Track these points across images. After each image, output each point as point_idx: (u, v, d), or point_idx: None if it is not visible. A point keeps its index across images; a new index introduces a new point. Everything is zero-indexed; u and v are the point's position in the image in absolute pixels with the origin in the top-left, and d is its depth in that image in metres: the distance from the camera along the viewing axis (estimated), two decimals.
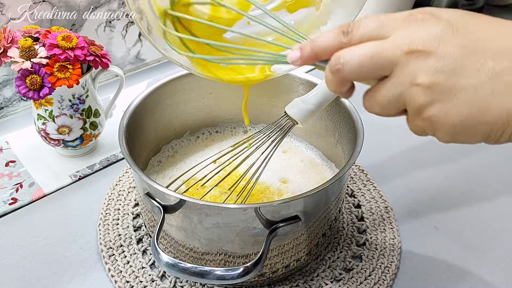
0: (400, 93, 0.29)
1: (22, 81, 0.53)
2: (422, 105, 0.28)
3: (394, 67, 0.29)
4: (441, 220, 0.57)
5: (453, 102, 0.27)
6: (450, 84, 0.27)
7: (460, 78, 0.27)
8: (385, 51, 0.29)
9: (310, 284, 0.49)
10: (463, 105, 0.27)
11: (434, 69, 0.27)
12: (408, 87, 0.28)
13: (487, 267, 0.51)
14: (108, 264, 0.50)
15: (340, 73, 0.30)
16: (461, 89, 0.27)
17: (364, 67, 0.29)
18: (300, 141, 0.62)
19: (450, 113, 0.28)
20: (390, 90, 0.29)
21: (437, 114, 0.28)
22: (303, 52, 0.33)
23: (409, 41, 0.28)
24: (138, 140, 0.52)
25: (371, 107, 0.31)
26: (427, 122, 0.29)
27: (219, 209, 0.40)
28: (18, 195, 0.58)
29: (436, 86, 0.27)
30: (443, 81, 0.27)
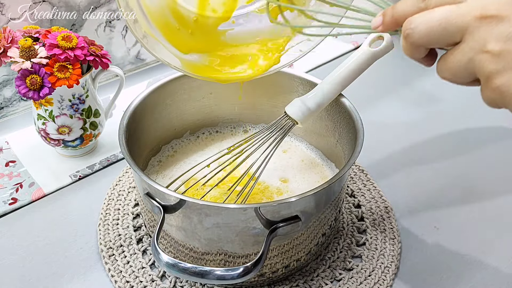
0: (469, 60, 0.28)
1: (22, 81, 0.53)
2: (491, 73, 0.27)
3: (464, 33, 0.28)
4: (441, 220, 0.57)
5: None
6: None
7: None
8: (456, 16, 0.28)
9: (310, 284, 0.49)
10: None
11: (506, 36, 0.26)
12: (477, 54, 0.27)
13: (487, 267, 0.51)
14: (108, 264, 0.50)
15: (410, 37, 0.30)
16: None
17: (432, 32, 0.29)
18: (300, 141, 0.62)
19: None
20: (459, 56, 0.28)
21: (506, 84, 0.27)
22: (385, 18, 0.34)
23: (482, 6, 0.27)
24: (138, 140, 0.52)
25: (442, 72, 0.30)
26: (496, 92, 0.27)
27: (219, 209, 0.40)
28: (18, 195, 0.58)
29: (507, 53, 0.26)
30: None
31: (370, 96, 0.78)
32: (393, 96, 0.78)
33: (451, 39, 0.29)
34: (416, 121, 0.73)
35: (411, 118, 0.74)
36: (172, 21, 0.50)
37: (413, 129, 0.72)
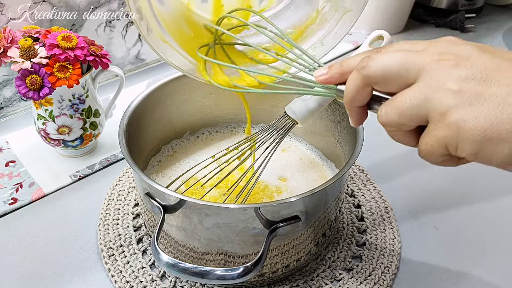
0: (425, 98, 0.28)
1: (22, 81, 0.53)
2: (449, 107, 0.27)
3: (421, 72, 0.28)
4: (441, 220, 0.57)
5: (483, 106, 0.26)
6: (480, 90, 0.27)
7: (490, 86, 0.27)
8: (414, 56, 0.29)
9: (310, 284, 0.49)
10: (493, 109, 0.26)
11: (464, 76, 0.27)
12: (435, 91, 0.28)
13: (487, 267, 0.51)
14: (108, 264, 0.50)
15: (366, 70, 0.30)
16: (492, 95, 0.26)
17: (391, 66, 0.29)
18: (300, 141, 0.62)
19: (479, 117, 0.26)
20: (414, 94, 0.28)
21: (464, 118, 0.26)
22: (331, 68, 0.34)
23: (438, 52, 0.28)
24: (138, 140, 0.52)
25: (387, 113, 0.30)
26: (451, 128, 0.27)
27: (219, 209, 0.40)
28: (18, 195, 0.58)
29: (466, 91, 0.27)
30: (473, 87, 0.27)
31: None
32: None
33: (406, 79, 0.29)
34: None
35: None
36: (187, 29, 0.50)
37: None
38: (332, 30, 0.50)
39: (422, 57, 0.29)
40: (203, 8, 0.51)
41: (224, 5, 0.51)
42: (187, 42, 0.50)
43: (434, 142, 0.28)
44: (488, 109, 0.26)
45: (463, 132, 0.27)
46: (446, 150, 0.28)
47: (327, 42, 0.50)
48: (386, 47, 0.31)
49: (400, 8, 0.99)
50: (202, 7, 0.51)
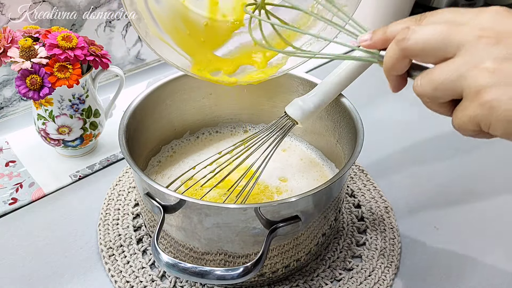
0: (460, 74, 0.28)
1: (22, 81, 0.53)
2: (483, 86, 0.27)
3: (460, 48, 0.28)
4: (441, 220, 0.57)
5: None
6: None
7: None
8: (455, 31, 0.28)
9: (310, 284, 0.49)
10: None
11: (503, 56, 0.27)
12: (471, 69, 0.27)
13: (487, 267, 0.51)
14: (108, 264, 0.50)
15: (405, 42, 0.30)
16: None
17: (430, 40, 0.29)
18: (300, 141, 0.62)
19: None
20: (450, 69, 0.28)
21: (498, 98, 0.26)
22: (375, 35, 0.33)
23: (482, 27, 0.28)
24: (138, 140, 0.52)
25: (423, 86, 0.30)
26: (485, 107, 0.27)
27: (219, 209, 0.40)
28: (18, 195, 0.58)
29: (502, 71, 0.26)
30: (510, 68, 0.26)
31: (370, 96, 0.78)
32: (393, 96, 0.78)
33: (444, 53, 0.29)
34: (416, 121, 0.73)
35: (411, 118, 0.74)
36: (183, 27, 0.50)
37: (413, 129, 0.72)
38: (327, 27, 0.50)
39: (463, 32, 0.28)
40: (198, 5, 0.51)
41: (219, 2, 0.51)
42: (183, 40, 0.50)
43: (467, 119, 0.28)
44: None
45: (496, 112, 0.26)
46: (479, 127, 0.28)
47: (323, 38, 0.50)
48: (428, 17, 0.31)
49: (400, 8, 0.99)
50: (198, 4, 0.51)
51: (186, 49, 0.50)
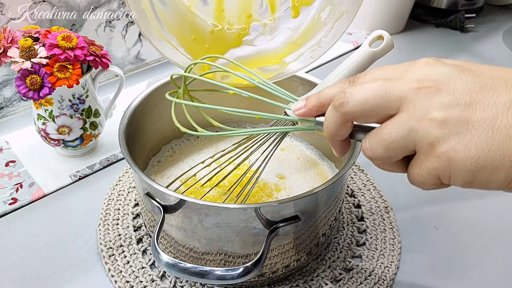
0: (410, 128, 0.27)
1: (22, 81, 0.53)
2: (437, 138, 0.26)
3: (402, 102, 0.27)
4: (441, 220, 0.57)
5: (471, 133, 0.25)
6: (466, 116, 0.25)
7: (476, 110, 0.25)
8: (392, 87, 0.27)
9: (310, 284, 0.49)
10: (483, 136, 0.25)
11: (447, 103, 0.26)
12: (419, 122, 0.26)
13: (487, 267, 0.51)
14: (108, 264, 0.50)
15: (344, 106, 0.29)
16: (479, 121, 0.25)
17: (369, 101, 0.28)
18: (300, 141, 0.62)
19: (469, 146, 0.25)
20: (398, 125, 0.27)
21: (454, 148, 0.25)
22: (308, 101, 0.33)
23: (417, 79, 0.27)
24: (138, 140, 0.52)
25: (373, 148, 0.29)
26: (441, 159, 0.26)
27: (219, 209, 0.40)
28: (18, 195, 0.58)
29: (451, 119, 0.26)
30: (458, 114, 0.26)
31: None
32: None
33: (387, 110, 0.28)
34: None
35: None
36: (188, 31, 0.50)
37: None
38: (329, 32, 0.50)
39: (400, 85, 0.27)
40: (204, 12, 0.51)
41: (224, 10, 0.51)
42: (187, 43, 0.51)
43: (425, 173, 0.27)
44: (478, 137, 0.25)
45: (454, 163, 0.26)
46: (439, 180, 0.27)
47: (324, 44, 0.50)
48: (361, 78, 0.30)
49: (400, 8, 0.99)
50: (204, 11, 0.51)
51: (190, 51, 0.51)
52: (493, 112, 0.25)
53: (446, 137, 0.26)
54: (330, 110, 0.30)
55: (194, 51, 0.51)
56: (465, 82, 0.26)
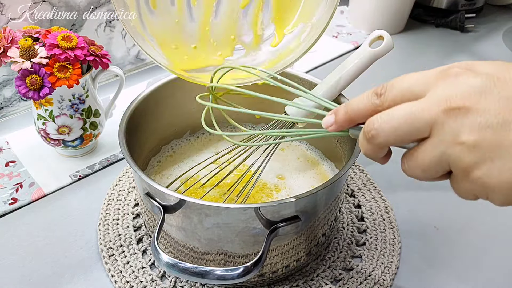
0: (443, 153, 0.26)
1: (22, 81, 0.53)
2: (469, 165, 0.25)
3: (433, 127, 0.26)
4: (441, 220, 0.57)
5: (505, 158, 0.24)
6: (499, 139, 0.24)
7: (509, 132, 0.24)
8: (420, 111, 0.27)
9: (310, 284, 0.49)
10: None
11: (478, 125, 0.25)
12: (450, 146, 0.26)
13: (487, 267, 0.51)
14: (108, 264, 0.50)
15: (375, 139, 0.29)
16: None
17: (399, 130, 0.27)
18: (301, 141, 0.62)
19: (503, 171, 0.25)
20: (430, 150, 0.27)
21: (488, 174, 0.25)
22: (338, 116, 0.32)
23: (445, 98, 0.26)
24: (138, 140, 0.52)
25: (411, 169, 0.29)
26: (477, 184, 0.26)
27: (219, 209, 0.40)
28: (18, 195, 0.58)
29: (483, 143, 0.25)
30: (490, 137, 0.25)
31: None
32: None
33: (418, 135, 0.27)
34: None
35: None
36: (171, 40, 0.50)
37: None
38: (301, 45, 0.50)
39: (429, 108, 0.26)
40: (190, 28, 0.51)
41: (208, 29, 0.52)
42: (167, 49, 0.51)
43: (464, 192, 0.27)
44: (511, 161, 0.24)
45: (489, 188, 0.25)
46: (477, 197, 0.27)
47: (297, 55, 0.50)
48: (388, 91, 0.29)
49: (400, 8, 0.99)
50: (190, 27, 0.51)
51: (168, 55, 0.51)
52: None
53: (478, 163, 0.25)
54: (362, 140, 0.30)
55: (173, 58, 0.51)
56: (497, 98, 0.25)
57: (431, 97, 0.27)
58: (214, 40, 0.53)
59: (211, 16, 0.52)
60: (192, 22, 0.52)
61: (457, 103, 0.26)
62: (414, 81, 0.28)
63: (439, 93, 0.27)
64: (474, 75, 0.26)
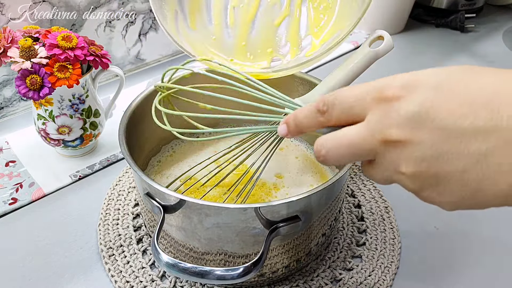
0: (389, 177, 0.28)
1: (22, 81, 0.53)
2: (414, 190, 0.28)
3: (375, 155, 0.28)
4: (441, 220, 0.57)
5: (443, 186, 0.26)
6: (435, 171, 0.26)
7: (443, 164, 0.25)
8: (362, 141, 0.28)
9: (310, 284, 0.49)
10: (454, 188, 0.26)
11: (414, 159, 0.26)
12: (393, 174, 0.28)
13: (488, 267, 0.51)
14: (108, 264, 0.50)
15: (327, 161, 0.30)
16: (448, 175, 0.25)
17: (346, 157, 0.29)
18: (300, 141, 0.62)
19: (443, 195, 0.26)
20: (379, 172, 0.29)
21: (432, 196, 0.27)
22: (289, 127, 0.34)
23: (380, 129, 0.27)
24: (138, 140, 0.52)
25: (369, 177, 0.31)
26: (427, 201, 0.28)
27: (219, 209, 0.40)
28: (18, 195, 0.58)
29: (421, 174, 0.26)
30: (426, 169, 0.26)
31: None
32: None
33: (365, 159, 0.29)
34: None
35: None
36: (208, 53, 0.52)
37: None
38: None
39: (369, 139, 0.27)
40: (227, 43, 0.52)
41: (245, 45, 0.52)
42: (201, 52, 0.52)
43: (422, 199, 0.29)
44: (449, 188, 0.26)
45: (437, 204, 0.28)
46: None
47: None
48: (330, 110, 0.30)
49: (400, 8, 0.99)
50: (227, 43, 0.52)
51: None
52: (461, 165, 0.25)
53: (421, 189, 0.27)
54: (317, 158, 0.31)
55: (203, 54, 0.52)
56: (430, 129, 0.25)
57: (369, 125, 0.28)
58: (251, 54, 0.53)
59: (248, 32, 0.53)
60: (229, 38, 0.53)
61: (392, 136, 0.26)
62: (353, 101, 0.29)
63: (375, 121, 0.27)
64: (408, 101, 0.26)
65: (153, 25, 0.81)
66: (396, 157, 0.27)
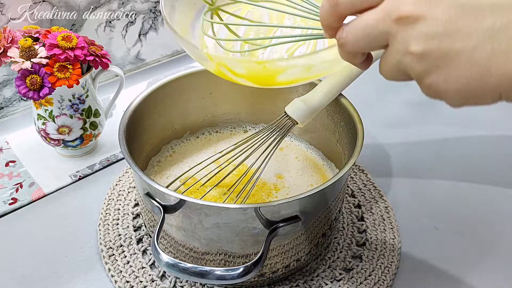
0: (398, 62, 0.28)
1: (22, 81, 0.53)
2: (420, 73, 0.27)
3: (388, 37, 0.27)
4: (441, 220, 0.57)
5: (450, 67, 0.25)
6: (445, 49, 0.25)
7: (455, 41, 0.25)
8: (376, 22, 0.27)
9: (310, 284, 0.49)
10: (461, 70, 0.25)
11: (425, 35, 0.25)
12: (403, 56, 0.27)
13: (488, 267, 0.51)
14: (108, 264, 0.50)
15: (345, 47, 0.30)
16: (458, 53, 0.25)
17: (360, 39, 0.29)
18: (300, 141, 0.62)
19: (449, 80, 0.26)
20: (389, 59, 0.28)
21: (436, 82, 0.26)
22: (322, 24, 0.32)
23: (396, 7, 0.26)
24: (138, 140, 0.52)
25: (382, 73, 0.30)
26: (430, 90, 0.27)
27: (219, 209, 0.40)
28: (18, 195, 0.58)
29: (430, 53, 0.26)
30: (437, 46, 0.25)
31: (370, 96, 0.78)
32: (393, 96, 0.78)
33: (380, 43, 0.28)
34: (417, 121, 0.73)
35: (412, 118, 0.74)
36: None
37: (413, 129, 0.72)
38: None
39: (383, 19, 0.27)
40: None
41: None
42: None
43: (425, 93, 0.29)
44: (456, 70, 0.25)
45: (440, 93, 0.27)
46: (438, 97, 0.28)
47: None
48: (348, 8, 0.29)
49: None
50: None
51: None
52: (473, 42, 0.24)
53: (427, 71, 0.26)
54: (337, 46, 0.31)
55: None
56: (446, 6, 0.25)
57: (385, 5, 0.27)
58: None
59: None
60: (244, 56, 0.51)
61: (406, 11, 0.26)
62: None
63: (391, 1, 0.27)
64: None
65: (153, 25, 0.81)
66: (407, 35, 0.26)
